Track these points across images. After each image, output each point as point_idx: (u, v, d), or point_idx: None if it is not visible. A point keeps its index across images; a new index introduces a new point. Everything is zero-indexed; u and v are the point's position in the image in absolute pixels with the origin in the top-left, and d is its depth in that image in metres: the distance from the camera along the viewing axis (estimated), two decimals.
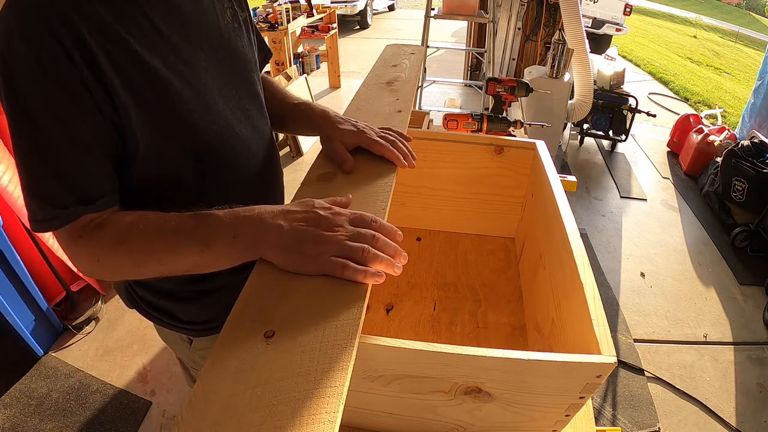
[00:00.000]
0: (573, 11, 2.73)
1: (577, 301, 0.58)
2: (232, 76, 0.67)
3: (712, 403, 1.78)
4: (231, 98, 0.66)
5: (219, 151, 0.64)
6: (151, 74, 0.54)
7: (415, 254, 1.02)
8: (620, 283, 2.38)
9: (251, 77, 0.72)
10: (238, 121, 0.67)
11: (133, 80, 0.53)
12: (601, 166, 3.57)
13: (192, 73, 0.59)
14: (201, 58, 0.61)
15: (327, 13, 4.59)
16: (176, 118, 0.58)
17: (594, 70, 3.26)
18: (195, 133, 0.60)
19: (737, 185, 2.78)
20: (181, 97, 0.58)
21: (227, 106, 0.65)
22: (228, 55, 0.66)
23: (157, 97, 0.55)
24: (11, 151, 1.60)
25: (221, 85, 0.64)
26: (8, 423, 1.54)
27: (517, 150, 0.95)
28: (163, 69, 0.55)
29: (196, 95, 0.60)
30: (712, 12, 14.98)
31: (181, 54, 0.58)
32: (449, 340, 0.82)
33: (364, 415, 0.63)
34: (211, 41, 0.63)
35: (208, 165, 0.64)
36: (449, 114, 1.42)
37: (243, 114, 0.69)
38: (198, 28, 0.61)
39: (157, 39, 0.56)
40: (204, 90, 0.61)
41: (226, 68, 0.66)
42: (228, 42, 0.66)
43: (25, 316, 1.67)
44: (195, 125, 0.60)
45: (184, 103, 0.58)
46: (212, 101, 0.62)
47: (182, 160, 0.61)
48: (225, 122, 0.65)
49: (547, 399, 0.53)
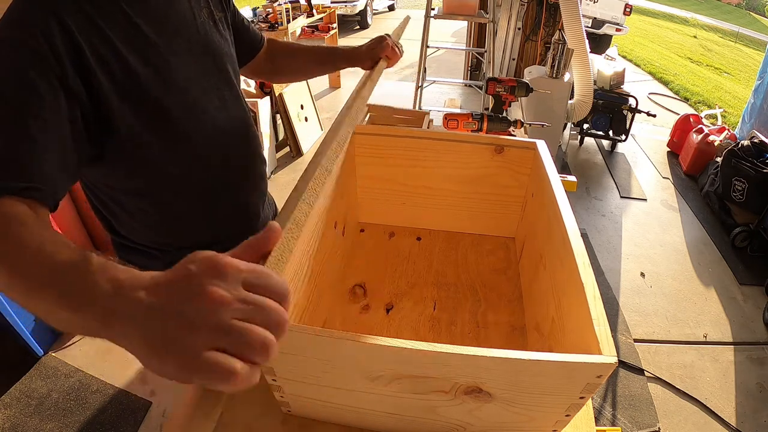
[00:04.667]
0: (573, 11, 2.73)
1: (577, 301, 0.58)
2: (208, 66, 0.75)
3: (712, 403, 1.78)
4: (207, 86, 0.74)
5: (193, 136, 0.72)
6: (131, 68, 0.60)
7: (415, 254, 1.02)
8: (620, 283, 2.38)
9: (226, 67, 0.80)
10: (214, 108, 0.75)
11: (115, 73, 0.58)
12: (601, 166, 3.57)
13: (167, 66, 0.66)
14: (177, 51, 0.68)
15: (327, 13, 4.59)
16: (153, 106, 0.64)
17: (594, 70, 3.26)
18: (171, 121, 0.67)
19: (737, 185, 2.78)
20: (158, 87, 0.64)
21: (204, 95, 0.73)
22: (203, 48, 0.74)
23: (135, 88, 0.61)
24: None
25: (198, 74, 0.72)
26: (8, 423, 1.54)
27: (518, 150, 0.95)
28: (140, 63, 0.62)
29: (172, 85, 0.67)
30: (711, 12, 14.98)
31: (158, 48, 0.65)
32: (449, 340, 0.82)
33: (364, 415, 0.63)
34: (188, 36, 0.71)
35: (184, 149, 0.72)
36: (449, 114, 1.42)
37: (219, 101, 0.77)
38: (174, 25, 0.69)
39: (135, 34, 0.62)
40: (179, 80, 0.68)
41: (202, 59, 0.74)
42: (204, 36, 0.75)
43: (25, 316, 1.67)
44: (171, 114, 0.67)
45: (161, 93, 0.65)
46: (187, 91, 0.70)
47: (161, 147, 0.68)
48: (200, 109, 0.72)
49: (547, 399, 0.53)
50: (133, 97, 0.61)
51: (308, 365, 0.56)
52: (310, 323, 0.74)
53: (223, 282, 0.29)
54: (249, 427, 0.67)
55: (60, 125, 0.53)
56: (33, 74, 0.50)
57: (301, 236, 0.68)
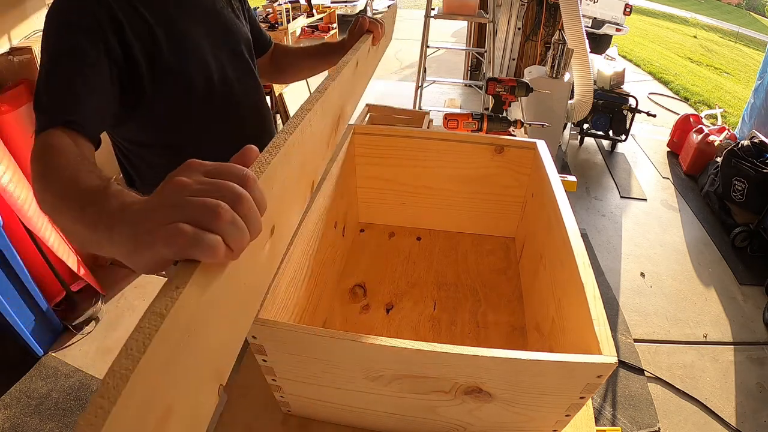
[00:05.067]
0: (573, 11, 2.73)
1: (577, 301, 0.58)
2: (223, 41, 0.89)
3: (712, 403, 1.78)
4: (221, 56, 0.87)
5: (211, 96, 0.85)
6: (158, 41, 0.75)
7: (415, 254, 1.02)
8: (620, 283, 2.38)
9: (239, 44, 0.93)
10: (227, 73, 0.88)
11: (145, 46, 0.73)
12: (601, 166, 3.57)
13: (187, 40, 0.81)
14: (196, 28, 0.83)
15: (327, 13, 4.59)
16: (177, 71, 0.79)
17: (594, 70, 3.26)
18: (190, 83, 0.81)
19: (737, 185, 2.78)
20: (180, 57, 0.79)
21: (217, 62, 0.86)
22: (220, 26, 0.89)
23: (161, 57, 0.76)
24: (11, 151, 1.61)
25: (213, 46, 0.86)
26: (8, 423, 1.54)
27: (518, 150, 0.95)
28: (165, 37, 0.76)
29: (191, 54, 0.81)
30: (711, 12, 14.98)
31: (178, 26, 0.79)
32: (449, 340, 0.82)
33: (364, 415, 0.63)
34: (206, 16, 0.86)
35: (203, 107, 0.85)
36: (449, 114, 1.42)
37: (231, 67, 0.90)
38: (194, 6, 0.84)
39: (161, 13, 0.76)
40: (198, 51, 0.82)
41: (218, 35, 0.88)
42: (219, 16, 0.89)
43: (25, 316, 1.67)
44: (190, 76, 0.81)
45: (181, 62, 0.79)
46: (204, 59, 0.83)
47: (184, 102, 0.82)
48: (218, 73, 0.86)
49: (548, 399, 0.53)
50: (158, 64, 0.76)
51: (308, 365, 0.56)
52: (310, 323, 0.74)
53: (186, 173, 0.34)
54: (249, 427, 0.67)
55: (103, 80, 0.67)
56: (85, 41, 0.66)
57: (301, 236, 0.68)
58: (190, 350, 0.31)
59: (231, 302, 0.37)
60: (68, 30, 0.66)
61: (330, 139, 0.67)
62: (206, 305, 0.32)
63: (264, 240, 0.41)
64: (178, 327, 0.28)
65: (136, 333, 0.25)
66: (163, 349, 0.26)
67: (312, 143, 0.55)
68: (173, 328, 0.27)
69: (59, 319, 1.86)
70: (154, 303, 0.27)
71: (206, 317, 0.32)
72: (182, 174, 0.34)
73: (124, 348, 0.25)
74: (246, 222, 0.32)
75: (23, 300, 1.66)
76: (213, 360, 0.36)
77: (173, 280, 0.29)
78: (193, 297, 0.30)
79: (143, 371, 0.24)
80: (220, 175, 0.34)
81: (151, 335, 0.25)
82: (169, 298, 0.27)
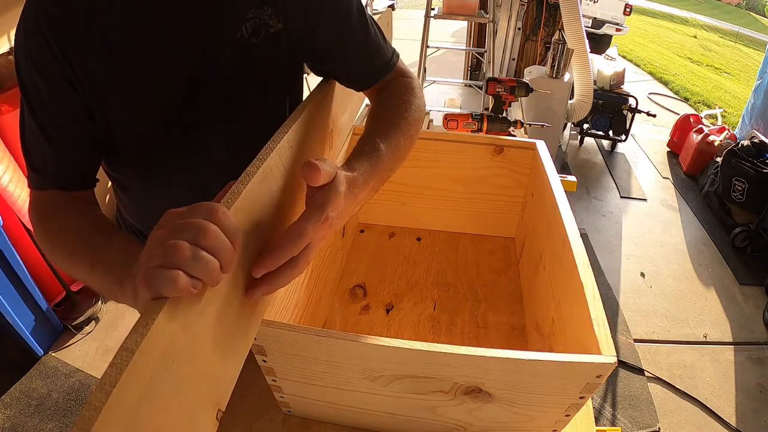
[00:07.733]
0: (573, 11, 2.73)
1: (577, 301, 0.58)
2: (209, 86, 0.64)
3: (712, 403, 1.78)
4: (191, 108, 0.64)
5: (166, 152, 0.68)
6: (103, 88, 0.59)
7: (415, 254, 1.02)
8: (620, 283, 2.38)
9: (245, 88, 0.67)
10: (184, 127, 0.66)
11: (97, 86, 0.58)
12: (601, 166, 3.56)
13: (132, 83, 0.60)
14: (149, 65, 0.60)
15: None
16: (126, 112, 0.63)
17: (594, 70, 3.25)
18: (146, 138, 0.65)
19: (737, 185, 2.78)
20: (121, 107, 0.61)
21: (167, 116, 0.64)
22: (211, 66, 0.62)
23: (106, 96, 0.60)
24: (11, 151, 1.61)
25: (187, 90, 0.63)
26: (8, 423, 1.54)
27: (517, 150, 0.95)
28: (111, 82, 0.59)
29: (133, 100, 0.61)
30: (711, 12, 14.97)
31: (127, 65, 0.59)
32: (449, 340, 0.82)
33: (364, 415, 0.63)
34: (188, 54, 0.61)
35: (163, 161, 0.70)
36: (449, 114, 1.42)
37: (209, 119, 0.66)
38: (167, 43, 0.59)
39: (108, 56, 0.57)
40: (145, 96, 0.61)
41: (204, 77, 0.63)
42: (225, 56, 0.62)
43: (25, 316, 1.67)
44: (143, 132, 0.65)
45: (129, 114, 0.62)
46: (149, 110, 0.63)
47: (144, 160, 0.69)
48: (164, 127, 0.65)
49: (547, 399, 0.53)
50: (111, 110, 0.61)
51: (308, 365, 0.56)
52: (310, 323, 0.74)
53: (164, 225, 0.36)
54: (249, 427, 0.67)
55: (70, 124, 0.59)
56: (41, 81, 0.56)
57: None
58: (173, 380, 0.32)
59: (218, 330, 0.38)
60: (25, 67, 0.57)
61: (322, 155, 0.67)
62: (185, 337, 0.33)
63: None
64: (152, 360, 0.30)
65: (110, 369, 0.27)
66: (136, 381, 0.28)
67: (300, 161, 0.53)
68: (146, 362, 0.29)
69: (59, 319, 1.86)
70: (126, 340, 0.29)
71: (189, 347, 0.34)
72: (160, 227, 0.36)
73: (99, 382, 0.27)
74: (213, 252, 0.34)
75: (23, 300, 1.66)
76: (206, 387, 0.37)
77: (143, 317, 0.31)
78: (166, 330, 0.31)
79: (116, 404, 0.26)
80: (191, 216, 0.35)
81: (122, 369, 0.27)
82: (139, 334, 0.29)
